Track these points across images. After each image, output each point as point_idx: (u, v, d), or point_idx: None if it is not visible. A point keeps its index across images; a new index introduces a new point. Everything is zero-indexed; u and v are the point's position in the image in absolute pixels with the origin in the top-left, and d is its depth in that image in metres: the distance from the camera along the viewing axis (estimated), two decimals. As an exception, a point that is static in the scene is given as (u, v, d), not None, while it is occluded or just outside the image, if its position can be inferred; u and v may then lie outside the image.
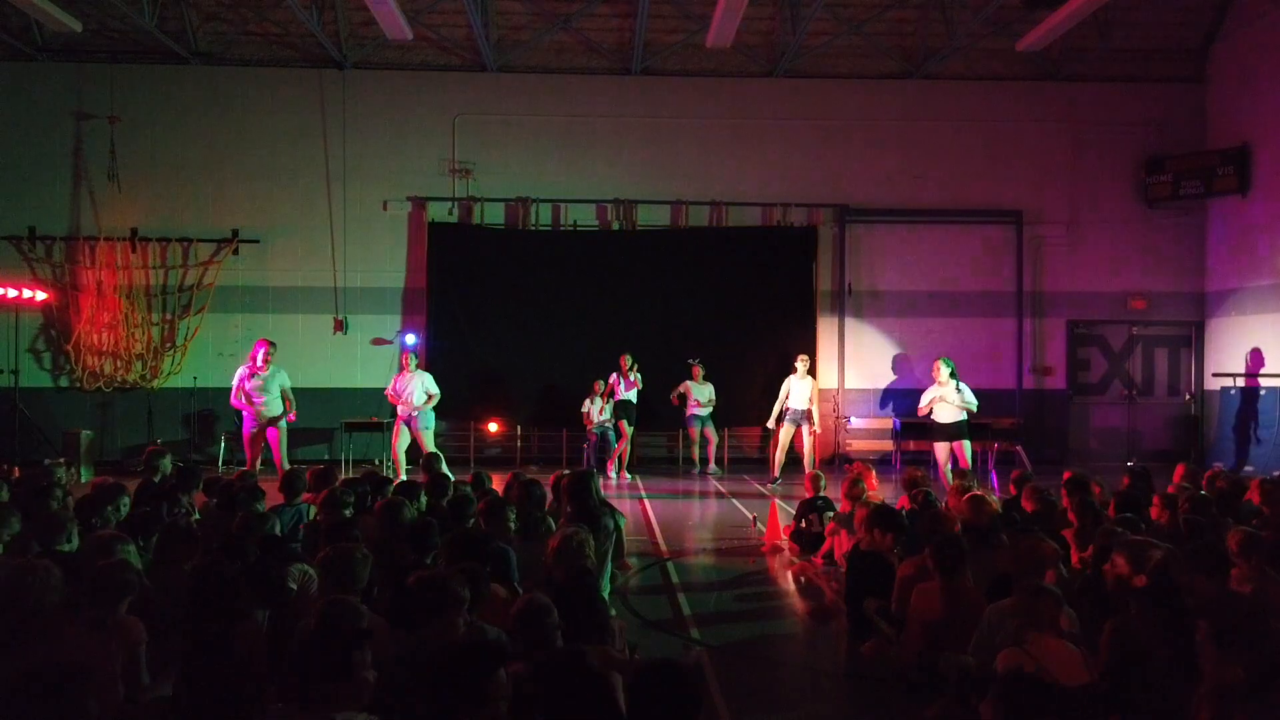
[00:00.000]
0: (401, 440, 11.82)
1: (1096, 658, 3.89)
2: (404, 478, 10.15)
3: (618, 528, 6.66)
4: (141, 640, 3.74)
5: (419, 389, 11.83)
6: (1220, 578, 4.41)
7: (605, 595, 5.24)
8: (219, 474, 9.35)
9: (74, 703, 2.74)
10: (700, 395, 13.22)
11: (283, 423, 11.00)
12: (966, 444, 10.68)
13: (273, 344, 11.18)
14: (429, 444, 11.96)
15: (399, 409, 11.78)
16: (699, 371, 13.31)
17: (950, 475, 9.41)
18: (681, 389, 13.34)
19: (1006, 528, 5.80)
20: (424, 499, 6.43)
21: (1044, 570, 4.55)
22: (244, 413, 11.09)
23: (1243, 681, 2.96)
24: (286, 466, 10.25)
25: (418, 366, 12.11)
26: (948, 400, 10.68)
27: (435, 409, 11.91)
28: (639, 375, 12.98)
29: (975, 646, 4.24)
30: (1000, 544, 5.42)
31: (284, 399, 11.05)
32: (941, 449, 10.76)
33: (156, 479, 7.42)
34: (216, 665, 3.49)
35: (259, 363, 10.96)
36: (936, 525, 5.28)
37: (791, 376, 12.39)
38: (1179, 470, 7.68)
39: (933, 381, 10.95)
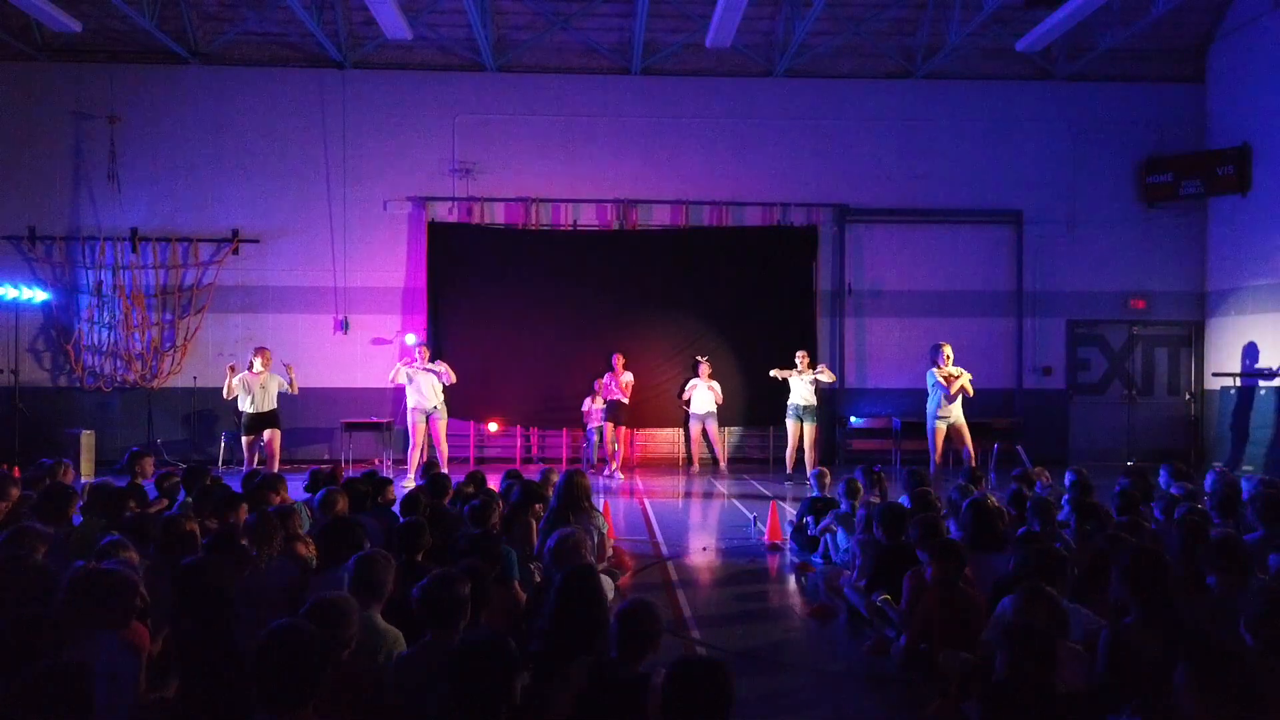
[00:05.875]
0: (420, 439, 11.82)
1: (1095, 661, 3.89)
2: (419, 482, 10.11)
3: (600, 531, 6.70)
4: (146, 646, 3.74)
5: (436, 381, 11.85)
6: (1240, 577, 4.38)
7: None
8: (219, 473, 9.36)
9: (81, 704, 2.75)
10: (706, 395, 13.21)
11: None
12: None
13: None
14: (444, 446, 11.98)
15: (417, 403, 11.79)
16: (706, 370, 13.30)
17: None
18: (689, 389, 13.34)
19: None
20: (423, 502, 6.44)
21: (1054, 576, 4.52)
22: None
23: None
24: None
25: (433, 358, 12.13)
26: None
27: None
28: (630, 374, 12.99)
29: (982, 645, 4.24)
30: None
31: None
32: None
33: (139, 481, 7.42)
34: (202, 665, 3.49)
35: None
36: (934, 529, 5.27)
37: (793, 373, 12.43)
38: (1163, 471, 7.67)
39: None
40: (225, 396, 11.47)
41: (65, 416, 13.38)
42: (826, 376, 12.55)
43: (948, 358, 10.65)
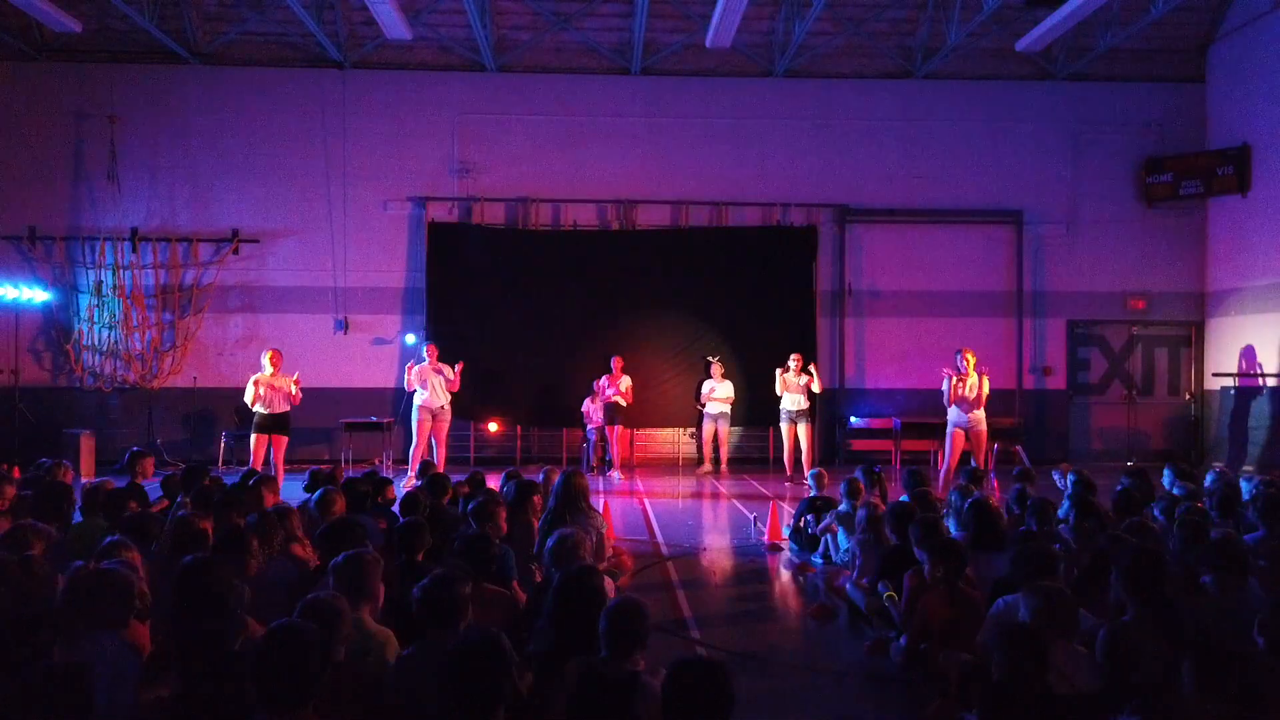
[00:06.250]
0: (424, 437, 11.81)
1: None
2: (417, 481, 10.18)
3: (599, 531, 6.71)
4: (146, 646, 3.73)
5: (443, 383, 11.85)
6: (1237, 578, 4.39)
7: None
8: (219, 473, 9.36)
9: (81, 704, 2.75)
10: (719, 394, 13.17)
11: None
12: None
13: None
14: (444, 449, 11.97)
15: (425, 400, 11.80)
16: (719, 371, 13.27)
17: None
18: (706, 391, 13.28)
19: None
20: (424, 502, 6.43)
21: (1051, 573, 4.51)
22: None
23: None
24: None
25: (439, 359, 12.12)
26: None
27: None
28: (628, 378, 12.99)
29: (978, 648, 4.22)
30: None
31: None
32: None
33: (139, 481, 7.41)
34: (204, 667, 3.48)
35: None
36: (934, 530, 5.26)
37: (785, 377, 12.44)
38: (1167, 471, 7.67)
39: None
40: (250, 404, 10.98)
41: (65, 416, 13.36)
42: (816, 386, 12.50)
43: (968, 362, 10.52)
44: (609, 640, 3.40)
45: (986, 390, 10.42)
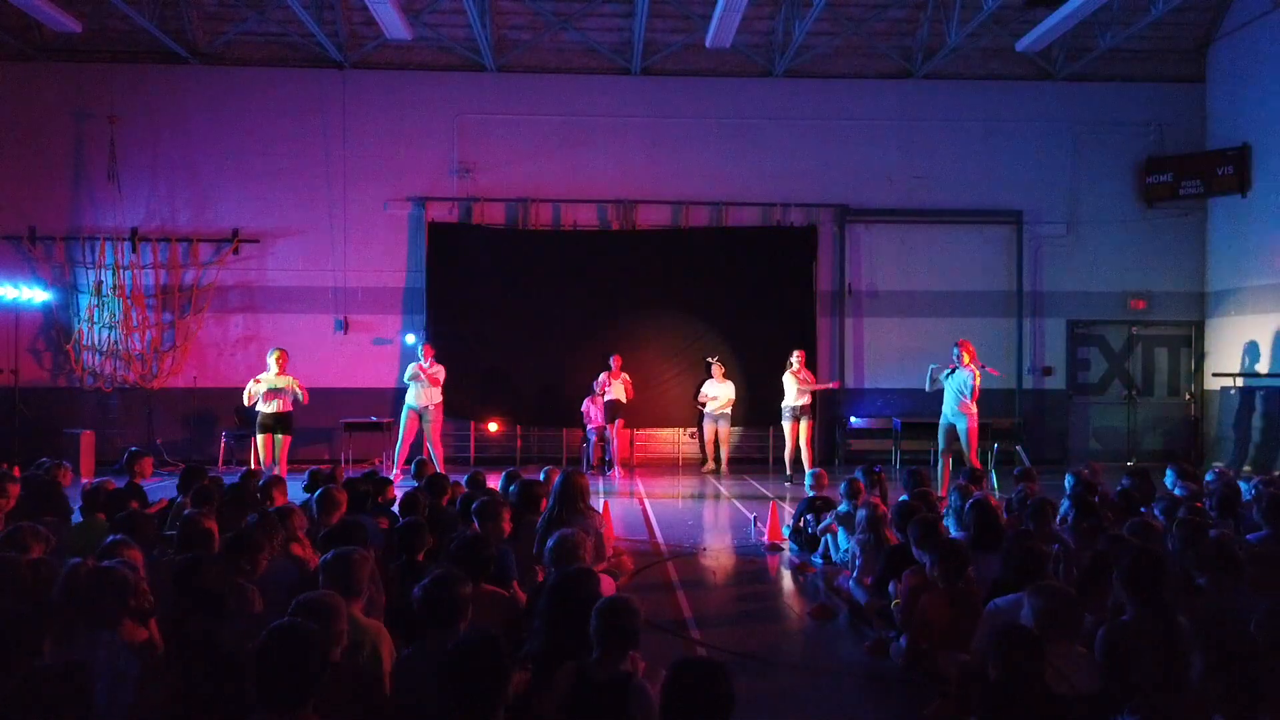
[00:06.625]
0: (407, 436, 11.81)
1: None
2: (401, 476, 10.26)
3: (599, 531, 6.70)
4: (148, 645, 3.73)
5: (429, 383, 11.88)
6: (1233, 578, 4.39)
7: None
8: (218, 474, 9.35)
9: (81, 704, 2.75)
10: (719, 395, 13.19)
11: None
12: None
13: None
14: (439, 449, 11.98)
15: (413, 400, 11.85)
16: (719, 371, 13.29)
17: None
18: (704, 390, 13.33)
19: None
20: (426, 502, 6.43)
21: (1044, 573, 4.52)
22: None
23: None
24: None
25: (436, 359, 12.15)
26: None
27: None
28: (626, 375, 13.02)
29: (973, 653, 4.22)
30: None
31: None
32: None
33: (139, 481, 7.41)
34: (200, 665, 3.48)
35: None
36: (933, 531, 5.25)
37: (787, 373, 12.45)
38: (1170, 471, 7.67)
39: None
40: (246, 403, 11.00)
41: (65, 416, 13.37)
42: (808, 380, 12.48)
43: (964, 355, 10.51)
44: (599, 639, 3.38)
45: (979, 380, 10.42)
